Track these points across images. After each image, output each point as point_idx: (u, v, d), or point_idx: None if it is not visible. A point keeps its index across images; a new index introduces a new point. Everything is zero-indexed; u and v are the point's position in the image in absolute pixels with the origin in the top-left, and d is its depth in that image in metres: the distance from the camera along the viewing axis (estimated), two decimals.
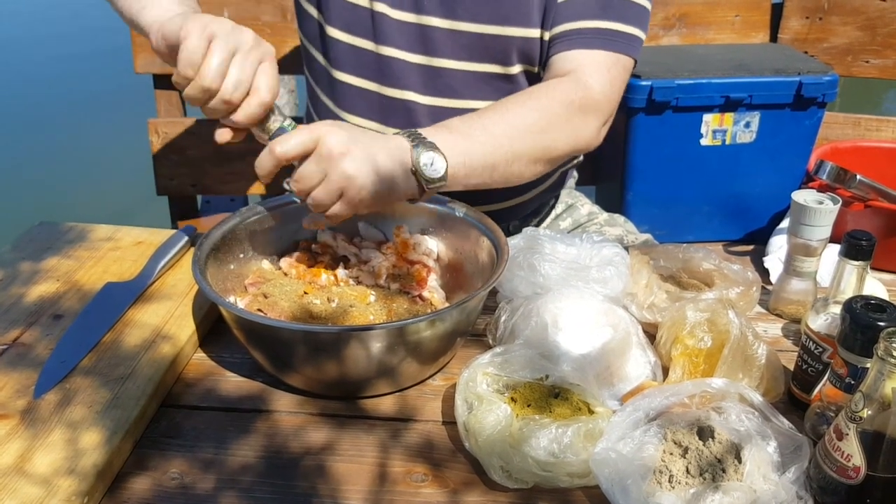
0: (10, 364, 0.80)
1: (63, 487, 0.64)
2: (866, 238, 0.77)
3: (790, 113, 1.38)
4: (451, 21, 1.02)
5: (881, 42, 1.59)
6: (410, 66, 1.05)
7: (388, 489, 0.69)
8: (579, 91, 0.96)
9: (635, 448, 0.67)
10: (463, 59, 1.04)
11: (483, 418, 0.69)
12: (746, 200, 1.46)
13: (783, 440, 0.68)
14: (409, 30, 1.03)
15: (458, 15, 1.02)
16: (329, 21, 1.06)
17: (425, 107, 1.06)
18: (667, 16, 1.61)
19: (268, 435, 0.75)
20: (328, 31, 1.06)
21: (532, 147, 0.93)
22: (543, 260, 0.88)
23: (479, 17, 1.02)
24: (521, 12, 1.02)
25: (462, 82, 1.06)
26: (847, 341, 0.69)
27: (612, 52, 1.00)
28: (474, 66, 1.05)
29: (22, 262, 1.00)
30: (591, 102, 0.97)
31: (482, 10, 1.01)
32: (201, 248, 0.85)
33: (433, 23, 1.03)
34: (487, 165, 0.90)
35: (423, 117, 1.06)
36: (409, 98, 1.06)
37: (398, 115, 1.07)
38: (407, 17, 1.03)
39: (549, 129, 0.95)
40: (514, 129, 0.92)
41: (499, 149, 0.90)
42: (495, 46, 1.03)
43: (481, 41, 1.03)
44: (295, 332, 0.77)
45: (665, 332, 0.84)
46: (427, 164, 0.83)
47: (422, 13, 1.02)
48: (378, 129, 1.08)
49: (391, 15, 1.03)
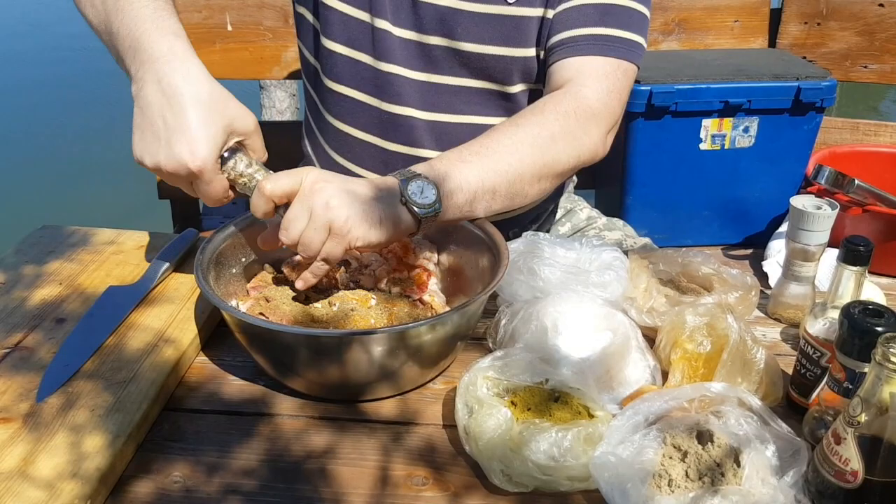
0: (12, 368, 0.81)
1: (66, 491, 0.65)
2: (864, 244, 0.77)
3: (789, 118, 1.39)
4: (451, 41, 1.02)
5: (879, 47, 1.60)
6: (410, 83, 1.04)
7: (390, 493, 0.70)
8: (574, 101, 0.95)
9: (635, 452, 0.67)
10: (463, 76, 1.04)
11: (483, 422, 0.70)
12: (745, 205, 1.47)
13: (782, 444, 0.68)
14: (411, 47, 1.03)
15: (458, 35, 1.01)
16: (326, 32, 1.05)
17: (425, 122, 1.06)
18: (666, 21, 1.62)
19: (270, 438, 0.76)
20: (324, 42, 1.06)
21: (533, 164, 0.91)
22: (543, 264, 0.88)
23: (478, 37, 1.01)
24: (520, 33, 1.01)
25: (462, 99, 1.05)
26: (845, 346, 0.69)
27: (612, 59, 0.98)
28: (475, 84, 1.05)
29: (25, 265, 1.00)
30: (588, 111, 0.95)
31: (482, 31, 1.01)
32: (204, 253, 0.85)
33: (434, 42, 1.03)
34: (487, 189, 0.87)
35: (423, 133, 1.06)
36: (409, 114, 1.06)
37: (398, 131, 1.07)
38: (408, 35, 1.02)
39: (549, 144, 0.92)
40: (511, 149, 0.89)
41: (497, 170, 0.88)
42: (496, 66, 1.03)
43: (482, 61, 1.03)
44: (297, 335, 0.77)
45: (664, 336, 0.84)
46: (416, 193, 0.81)
47: (423, 32, 1.02)
48: (377, 143, 1.08)
49: (394, 32, 1.02)
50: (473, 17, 1.00)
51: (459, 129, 1.06)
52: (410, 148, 1.07)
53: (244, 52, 1.62)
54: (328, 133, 1.13)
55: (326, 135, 1.13)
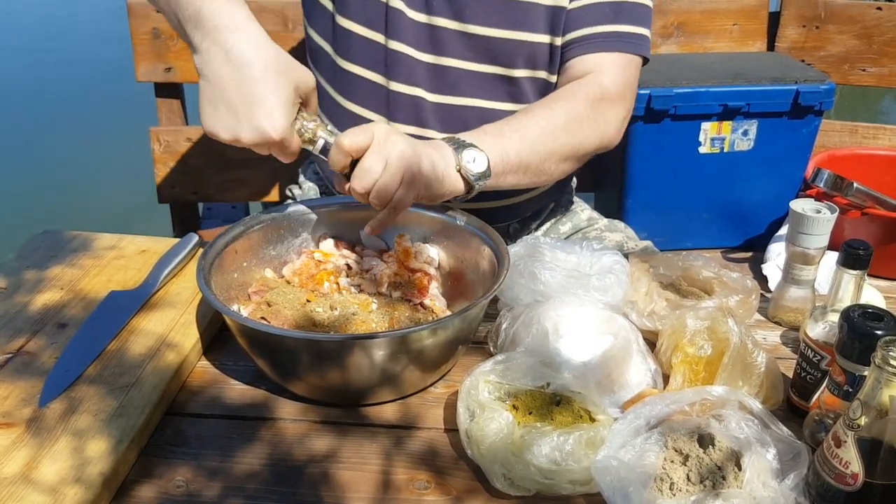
0: (14, 373, 0.81)
1: (70, 496, 0.65)
2: (863, 247, 0.78)
3: (787, 121, 1.39)
4: (459, 23, 1.05)
5: (877, 50, 1.60)
6: (419, 64, 1.06)
7: (392, 497, 0.70)
8: (599, 88, 1.03)
9: (636, 455, 0.67)
10: (469, 59, 1.07)
11: (485, 426, 0.70)
12: (744, 208, 1.47)
13: (782, 447, 0.69)
14: (421, 28, 1.05)
15: (466, 18, 1.04)
16: (342, 11, 1.07)
17: (432, 104, 1.08)
18: (665, 24, 1.62)
19: (272, 443, 0.76)
20: (339, 21, 1.08)
21: (562, 146, 1.00)
22: (544, 268, 0.88)
23: (486, 20, 1.04)
24: (528, 18, 1.04)
25: (468, 82, 1.08)
26: (845, 349, 0.70)
27: (627, 54, 1.06)
28: (480, 67, 1.07)
29: (26, 270, 1.00)
30: (610, 97, 1.04)
31: (490, 14, 1.04)
32: (205, 257, 0.85)
33: (442, 23, 1.05)
34: (522, 164, 0.96)
35: (429, 114, 1.08)
36: (417, 94, 1.07)
37: (404, 111, 1.08)
38: (419, 17, 1.05)
39: (577, 128, 1.01)
40: (544, 130, 0.98)
41: (532, 148, 0.97)
42: (501, 50, 1.06)
43: (488, 44, 1.05)
44: (298, 340, 0.78)
45: (665, 339, 0.85)
46: (470, 161, 0.90)
47: (432, 14, 1.05)
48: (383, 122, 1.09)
49: (407, 13, 1.04)
50: (482, 1, 1.04)
51: (465, 111, 1.09)
52: (417, 128, 1.09)
53: None
54: (336, 114, 1.14)
55: (334, 115, 1.15)
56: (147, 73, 1.59)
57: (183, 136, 1.63)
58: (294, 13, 1.56)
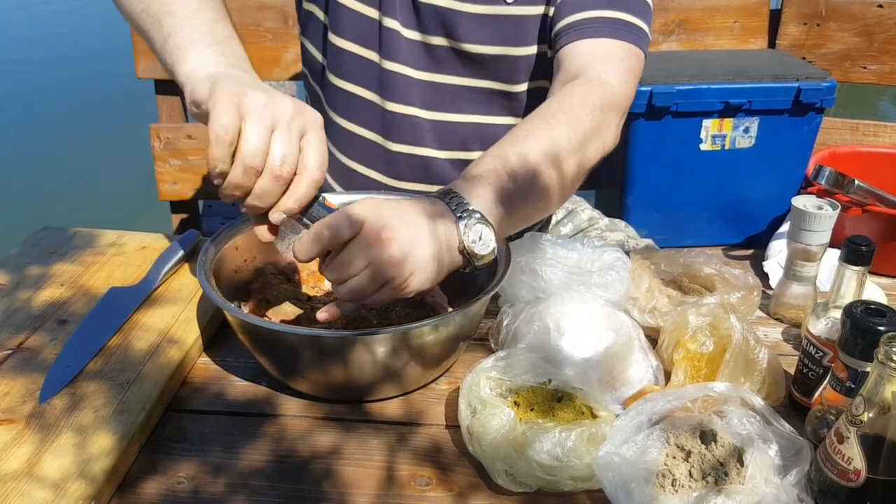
0: (15, 369, 0.81)
1: (72, 491, 0.65)
2: (866, 244, 0.78)
3: (789, 118, 1.39)
4: (453, 41, 1.02)
5: (878, 48, 1.60)
6: (414, 82, 1.04)
7: (395, 493, 0.70)
8: (598, 90, 0.90)
9: (638, 452, 0.67)
10: (466, 76, 1.04)
11: (487, 422, 0.70)
12: (746, 205, 1.47)
13: (784, 444, 0.69)
14: (416, 47, 1.03)
15: (460, 36, 1.01)
16: (334, 28, 1.06)
17: (428, 122, 1.06)
18: (666, 21, 1.62)
19: (274, 439, 0.76)
20: (332, 39, 1.06)
21: (568, 172, 0.87)
22: (545, 265, 0.88)
23: (479, 38, 1.01)
24: (521, 32, 1.01)
25: (465, 98, 1.06)
26: (847, 345, 0.70)
27: (623, 42, 0.95)
28: (478, 83, 1.05)
29: (27, 266, 1.00)
30: (611, 101, 0.91)
31: (482, 31, 1.01)
32: (206, 253, 0.85)
33: (437, 42, 1.03)
34: (528, 215, 0.86)
35: (426, 132, 1.06)
36: (412, 113, 1.06)
37: (401, 130, 1.07)
38: (414, 35, 1.03)
39: (582, 146, 0.88)
40: (550, 161, 0.84)
41: (537, 193, 0.83)
42: (499, 66, 1.03)
43: (484, 61, 1.03)
44: (299, 336, 0.77)
45: (667, 336, 0.85)
46: (475, 241, 0.75)
47: (426, 32, 1.02)
48: (380, 142, 1.09)
49: (402, 32, 1.02)
50: (472, 18, 1.00)
51: (462, 128, 1.06)
52: (413, 147, 1.07)
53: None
54: (331, 130, 1.13)
55: (329, 132, 1.14)
56: (147, 70, 1.59)
57: (183, 133, 1.63)
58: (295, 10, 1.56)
